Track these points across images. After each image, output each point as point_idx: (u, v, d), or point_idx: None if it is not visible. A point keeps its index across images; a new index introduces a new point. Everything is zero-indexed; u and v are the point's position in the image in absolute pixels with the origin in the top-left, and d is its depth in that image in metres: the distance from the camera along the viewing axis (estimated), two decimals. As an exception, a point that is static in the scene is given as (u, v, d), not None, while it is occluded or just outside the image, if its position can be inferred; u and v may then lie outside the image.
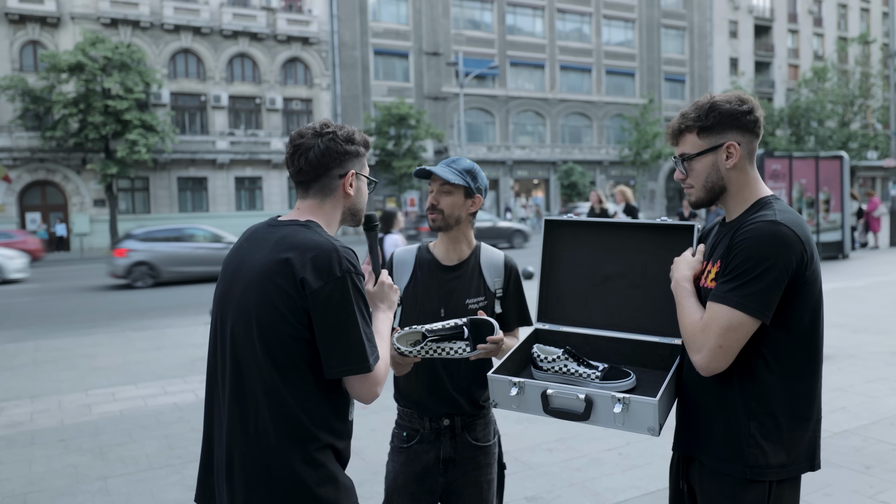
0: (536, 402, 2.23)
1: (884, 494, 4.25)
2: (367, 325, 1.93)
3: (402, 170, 36.96)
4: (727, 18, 54.39)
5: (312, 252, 1.88)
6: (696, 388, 2.11)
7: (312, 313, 1.86)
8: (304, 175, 2.05)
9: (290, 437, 1.89)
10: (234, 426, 1.93)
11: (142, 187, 36.23)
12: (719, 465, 2.02)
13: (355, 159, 2.10)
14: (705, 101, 2.07)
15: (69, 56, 29.42)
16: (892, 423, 5.56)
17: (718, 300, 1.93)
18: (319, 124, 2.06)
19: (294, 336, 1.87)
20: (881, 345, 8.28)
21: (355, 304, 1.89)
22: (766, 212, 1.98)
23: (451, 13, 44.24)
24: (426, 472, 2.63)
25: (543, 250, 2.61)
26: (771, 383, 1.97)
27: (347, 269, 1.88)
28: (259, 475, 1.90)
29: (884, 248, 22.42)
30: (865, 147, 48.25)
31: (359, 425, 5.79)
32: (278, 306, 1.86)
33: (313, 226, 2.00)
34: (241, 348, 1.92)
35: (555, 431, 5.44)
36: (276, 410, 1.89)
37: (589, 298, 2.55)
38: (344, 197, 2.09)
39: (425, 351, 2.40)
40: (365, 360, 1.88)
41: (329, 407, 1.95)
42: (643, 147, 44.51)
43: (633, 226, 2.53)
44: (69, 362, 8.57)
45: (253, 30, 37.72)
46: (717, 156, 2.06)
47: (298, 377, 1.89)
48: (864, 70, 49.00)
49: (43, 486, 4.76)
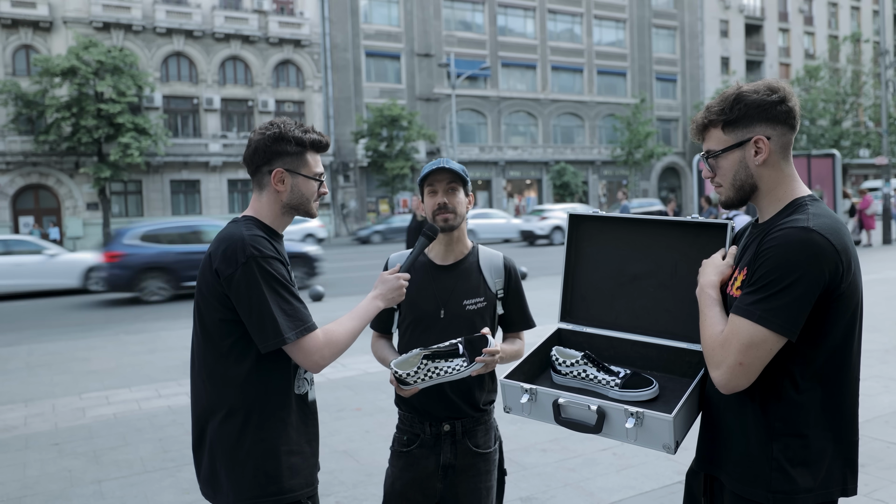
0: (548, 412, 2.15)
1: (879, 492, 4.26)
2: (283, 302, 2.07)
3: (395, 171, 36.94)
4: (718, 18, 54.53)
5: (224, 244, 2.09)
6: (718, 404, 1.95)
7: (230, 298, 2.06)
8: (247, 170, 2.26)
9: (234, 411, 2.11)
10: (195, 403, 2.20)
11: (135, 190, 36.14)
12: (740, 487, 1.87)
13: (287, 157, 2.20)
14: (731, 92, 1.89)
15: (62, 60, 29.38)
16: (886, 421, 5.58)
17: (740, 313, 1.76)
18: (269, 122, 2.22)
19: (224, 319, 2.09)
20: (875, 343, 8.31)
21: (264, 284, 2.04)
22: (798, 216, 1.78)
23: (442, 14, 44.25)
24: (425, 477, 2.60)
25: (567, 246, 2.48)
26: (799, 403, 1.80)
27: (251, 255, 2.05)
28: (212, 447, 2.13)
29: (877, 245, 22.50)
30: (857, 145, 48.44)
31: (353, 427, 5.80)
32: (206, 295, 2.12)
33: (244, 220, 2.19)
34: (194, 335, 2.20)
35: (549, 432, 5.43)
36: (220, 387, 2.12)
37: (615, 298, 2.42)
38: (276, 192, 2.22)
39: (424, 373, 2.38)
40: (280, 334, 2.03)
41: (273, 381, 2.14)
42: (635, 147, 44.62)
43: (663, 223, 2.35)
44: (63, 366, 8.54)
45: (245, 32, 37.66)
46: (744, 151, 1.87)
47: (237, 355, 2.10)
48: (855, 68, 49.17)
49: (37, 489, 4.74)
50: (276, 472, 2.11)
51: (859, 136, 48.13)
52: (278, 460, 2.12)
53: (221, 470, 2.12)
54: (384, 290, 2.34)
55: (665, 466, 4.74)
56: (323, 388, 6.92)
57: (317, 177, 2.25)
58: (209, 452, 2.15)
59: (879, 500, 4.15)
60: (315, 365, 2.10)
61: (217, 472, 2.13)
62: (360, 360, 8.00)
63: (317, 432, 2.30)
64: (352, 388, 7.02)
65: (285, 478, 2.12)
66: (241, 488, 2.09)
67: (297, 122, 2.23)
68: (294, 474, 2.14)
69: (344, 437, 5.46)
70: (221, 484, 2.12)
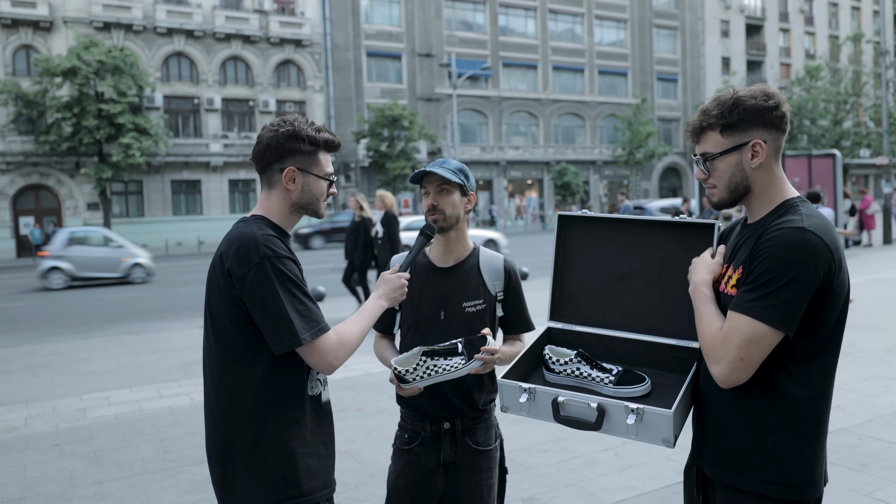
0: (547, 410, 2.17)
1: (880, 492, 4.25)
2: (298, 302, 2.04)
3: (396, 171, 36.91)
4: (719, 18, 54.53)
5: (237, 244, 2.04)
6: (713, 398, 2.00)
7: (243, 299, 2.02)
8: (256, 167, 2.22)
9: (248, 415, 2.07)
10: (208, 408, 2.16)
11: (135, 191, 36.15)
12: (730, 478, 1.93)
13: (299, 155, 2.17)
14: (728, 97, 1.94)
15: (62, 60, 29.40)
16: (887, 420, 5.57)
17: (740, 310, 1.82)
18: (280, 119, 2.19)
19: (237, 321, 2.05)
20: (875, 342, 8.30)
21: (278, 284, 2.01)
22: (792, 216, 1.86)
23: (443, 14, 44.26)
24: (426, 475, 2.62)
25: (557, 246, 2.51)
26: (795, 397, 1.86)
27: (265, 255, 2.01)
28: (226, 453, 2.09)
29: (877, 245, 22.49)
30: (858, 145, 48.40)
31: (354, 427, 5.80)
32: (218, 297, 2.07)
33: (253, 220, 2.16)
34: (206, 338, 2.16)
35: (550, 432, 5.44)
36: (233, 391, 2.08)
37: (603, 297, 2.46)
38: (287, 191, 2.18)
39: (422, 372, 2.39)
40: (295, 335, 2.00)
41: (287, 383, 2.10)
42: (636, 147, 44.60)
43: (650, 223, 2.40)
44: (63, 366, 8.54)
45: (246, 32, 37.67)
46: (741, 154, 1.93)
47: (250, 358, 2.06)
48: (855, 69, 49.14)
49: (38, 491, 4.74)
50: (294, 476, 2.09)
51: (860, 136, 48.07)
52: (295, 463, 2.09)
53: (236, 476, 2.08)
54: (387, 290, 2.34)
55: (667, 466, 4.74)
56: (324, 389, 6.91)
57: (328, 177, 2.23)
58: (221, 459, 2.11)
59: (881, 500, 4.14)
60: (329, 366, 2.07)
61: (230, 479, 2.10)
62: (361, 360, 8.00)
63: (332, 433, 2.29)
64: (353, 389, 7.02)
65: (303, 480, 2.10)
66: (257, 493, 2.06)
67: (308, 121, 2.21)
68: (312, 476, 2.13)
69: (345, 438, 5.45)
70: (235, 491, 2.09)
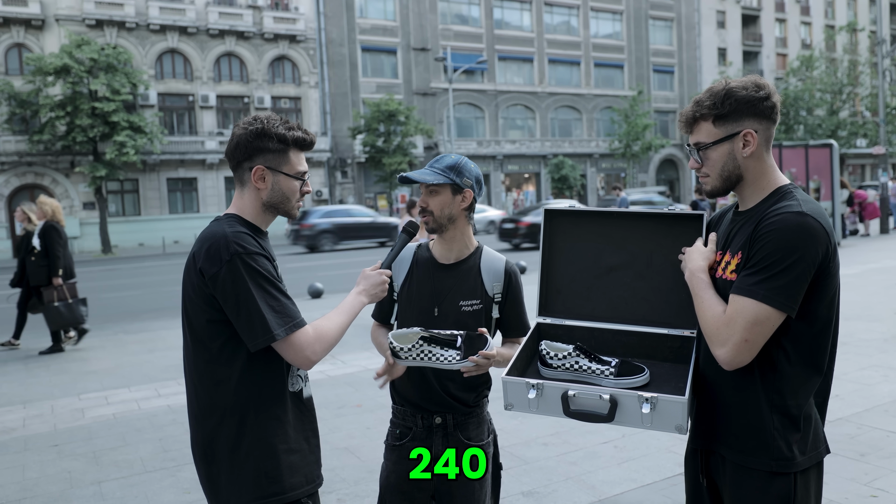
0: (556, 405, 2.15)
1: (879, 481, 4.26)
2: (271, 298, 2.03)
3: (393, 167, 36.85)
4: (714, 9, 54.46)
5: (208, 243, 2.05)
6: (715, 381, 2.06)
7: (217, 297, 2.02)
8: (229, 164, 2.20)
9: (229, 413, 2.08)
10: (190, 408, 2.17)
11: (131, 189, 36.08)
12: (743, 458, 1.99)
13: (269, 154, 2.15)
14: (720, 88, 2.00)
15: (55, 59, 29.19)
16: (885, 410, 5.58)
17: (744, 293, 1.88)
18: (252, 117, 2.17)
19: (212, 320, 2.05)
20: (873, 332, 8.31)
21: (250, 280, 2.01)
22: (789, 202, 1.92)
23: (438, 8, 44.16)
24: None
25: (543, 241, 2.50)
26: (792, 375, 1.93)
27: (235, 252, 2.01)
28: (210, 451, 2.11)
29: (874, 235, 22.52)
30: (855, 135, 48.42)
31: (353, 424, 5.80)
32: (193, 297, 2.07)
33: (226, 218, 2.15)
34: (184, 338, 2.17)
35: (549, 425, 5.44)
36: (212, 390, 2.09)
37: (592, 290, 2.47)
38: (257, 190, 2.17)
39: (416, 353, 2.38)
40: (269, 331, 2.00)
41: (266, 380, 2.10)
42: (633, 139, 44.53)
43: (637, 215, 2.43)
44: (61, 366, 8.52)
45: (239, 28, 37.56)
46: (733, 144, 2.00)
47: (228, 356, 2.07)
48: (852, 58, 49.13)
49: (37, 491, 4.73)
50: (276, 472, 2.09)
51: (856, 125, 48.08)
52: (277, 459, 2.09)
53: (220, 474, 2.09)
54: (367, 286, 2.34)
55: (666, 458, 4.74)
56: (323, 385, 6.91)
57: (299, 175, 2.21)
58: (205, 457, 2.12)
59: (880, 489, 4.15)
60: (307, 361, 2.07)
61: (215, 477, 2.11)
62: (360, 356, 8.00)
63: (315, 429, 2.27)
64: (352, 385, 7.01)
65: (286, 476, 2.10)
66: (241, 490, 2.07)
67: (281, 118, 2.18)
68: (294, 472, 2.13)
69: (345, 434, 5.46)
70: (221, 489, 2.10)
